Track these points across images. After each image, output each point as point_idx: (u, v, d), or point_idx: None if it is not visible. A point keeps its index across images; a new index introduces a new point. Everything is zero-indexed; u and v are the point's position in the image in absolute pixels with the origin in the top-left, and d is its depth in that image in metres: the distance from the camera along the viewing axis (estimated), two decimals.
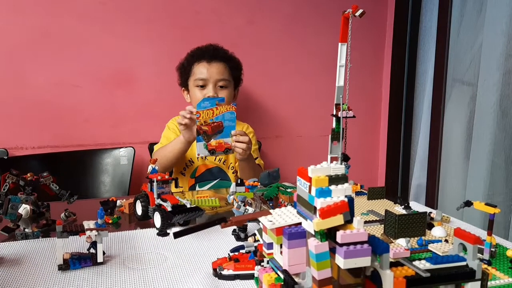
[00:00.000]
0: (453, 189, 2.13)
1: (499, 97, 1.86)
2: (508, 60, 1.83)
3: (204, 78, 1.74)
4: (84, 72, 1.99)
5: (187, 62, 1.81)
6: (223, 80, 1.76)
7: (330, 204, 0.57)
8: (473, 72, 1.98)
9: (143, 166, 2.07)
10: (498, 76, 1.85)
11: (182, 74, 1.83)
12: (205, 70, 1.74)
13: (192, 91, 1.78)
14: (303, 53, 2.26)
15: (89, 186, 1.93)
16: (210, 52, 1.78)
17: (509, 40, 1.81)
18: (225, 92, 1.76)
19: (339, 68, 1.24)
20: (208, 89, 1.74)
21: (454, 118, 2.11)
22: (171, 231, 0.97)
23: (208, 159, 1.75)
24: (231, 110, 1.45)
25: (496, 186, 1.89)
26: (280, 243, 0.63)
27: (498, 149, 1.87)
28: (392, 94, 2.41)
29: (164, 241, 1.01)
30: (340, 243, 0.55)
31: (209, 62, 1.75)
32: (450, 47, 2.09)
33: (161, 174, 1.11)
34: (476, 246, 0.64)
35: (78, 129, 2.01)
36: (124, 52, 2.02)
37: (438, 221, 1.07)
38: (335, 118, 1.25)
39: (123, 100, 2.04)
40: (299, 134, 2.32)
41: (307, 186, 0.60)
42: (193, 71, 1.77)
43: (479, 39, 1.94)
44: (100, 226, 0.87)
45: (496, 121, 1.86)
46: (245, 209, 0.97)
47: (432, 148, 2.22)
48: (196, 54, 1.79)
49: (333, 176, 0.60)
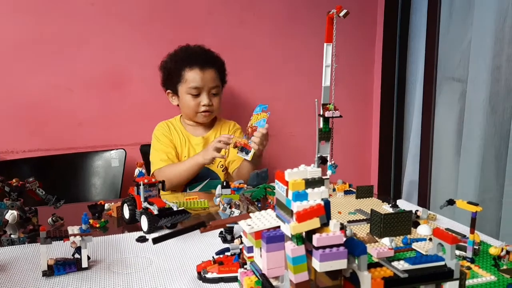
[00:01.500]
0: (445, 185, 2.14)
1: (489, 94, 1.86)
2: (497, 56, 1.84)
3: (199, 86, 1.72)
4: (75, 74, 1.98)
5: (175, 65, 1.77)
6: (215, 88, 1.76)
7: (306, 208, 0.57)
8: (463, 69, 1.99)
9: (134, 168, 2.06)
10: (487, 73, 1.85)
11: (169, 77, 1.80)
12: (198, 77, 1.72)
13: (184, 97, 1.76)
14: (296, 52, 2.26)
15: (80, 189, 1.93)
16: (202, 57, 1.76)
17: (498, 37, 1.82)
18: (217, 99, 1.78)
19: (325, 68, 1.24)
20: (203, 96, 1.74)
21: (445, 115, 2.11)
22: (150, 237, 0.97)
23: None
24: (265, 117, 1.53)
25: (487, 182, 1.90)
26: (260, 246, 0.64)
27: (488, 145, 1.88)
28: (383, 92, 2.41)
29: (149, 245, 1.00)
30: (316, 246, 0.56)
31: (202, 69, 1.73)
32: (440, 45, 2.10)
33: (148, 177, 1.11)
34: (454, 245, 0.64)
35: (70, 132, 2.01)
36: (115, 54, 2.01)
37: (424, 219, 1.08)
38: (322, 118, 1.26)
39: (114, 102, 2.04)
40: (292, 133, 2.32)
41: (284, 189, 0.61)
42: (184, 78, 1.74)
43: (468, 36, 1.95)
44: (85, 231, 0.87)
45: (486, 117, 1.87)
46: (231, 211, 0.97)
47: (424, 145, 2.23)
48: (187, 59, 1.75)
49: (309, 180, 0.60)
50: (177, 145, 1.79)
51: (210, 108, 1.76)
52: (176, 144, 1.79)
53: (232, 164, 1.77)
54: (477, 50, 1.89)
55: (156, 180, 1.11)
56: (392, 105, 2.40)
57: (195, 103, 1.74)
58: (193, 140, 1.81)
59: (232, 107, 2.16)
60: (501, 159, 1.84)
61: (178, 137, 1.80)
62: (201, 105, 1.74)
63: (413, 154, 2.30)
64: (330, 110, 1.23)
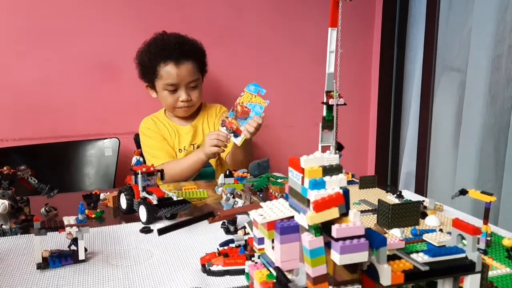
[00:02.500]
0: (442, 176, 2.12)
1: (489, 83, 1.84)
2: (498, 45, 1.81)
3: (175, 83, 1.64)
4: (69, 63, 1.92)
5: (149, 61, 1.67)
6: (194, 81, 1.68)
7: (325, 197, 0.53)
8: (462, 58, 1.96)
9: (128, 158, 2.01)
10: (488, 62, 1.83)
11: (145, 72, 1.71)
12: (174, 73, 1.63)
13: (161, 93, 1.69)
14: (293, 41, 2.22)
15: (73, 179, 1.88)
16: (177, 51, 1.64)
17: (499, 25, 1.79)
18: (196, 92, 1.70)
19: (329, 54, 1.20)
20: (180, 92, 1.67)
21: (444, 105, 2.09)
22: (155, 228, 0.93)
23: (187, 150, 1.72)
24: (262, 105, 1.45)
25: (485, 172, 1.88)
26: (272, 238, 0.60)
27: (487, 136, 1.86)
28: (381, 81, 2.38)
29: (150, 236, 0.97)
30: (335, 238, 0.52)
31: (177, 63, 1.63)
32: (439, 33, 2.07)
33: (146, 166, 1.07)
34: (476, 237, 0.61)
35: (62, 120, 1.95)
36: (109, 41, 1.95)
37: (431, 209, 1.05)
38: (326, 106, 1.22)
39: (108, 90, 1.98)
40: (289, 123, 2.28)
41: (299, 177, 0.57)
42: (160, 74, 1.65)
43: (469, 24, 1.92)
44: (81, 222, 0.83)
45: (486, 107, 1.85)
46: (235, 201, 0.93)
47: (422, 135, 2.21)
48: (161, 53, 1.65)
49: (327, 167, 0.56)
50: (167, 138, 1.73)
51: (189, 103, 1.69)
52: (166, 137, 1.73)
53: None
54: (477, 39, 1.86)
55: (154, 169, 1.06)
56: (390, 94, 2.38)
57: (173, 99, 1.67)
58: (182, 130, 1.76)
59: (225, 92, 2.11)
60: (500, 150, 1.82)
61: (166, 130, 1.75)
62: (179, 100, 1.67)
63: (410, 144, 2.28)
64: (335, 98, 1.19)
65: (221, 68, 2.11)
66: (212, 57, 2.08)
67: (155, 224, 1.02)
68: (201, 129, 1.77)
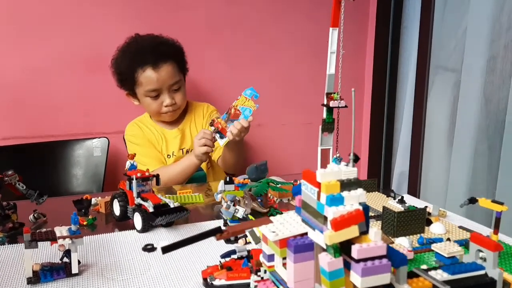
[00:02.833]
0: (436, 177, 2.11)
1: (483, 84, 1.83)
2: (493, 45, 1.79)
3: (156, 88, 1.56)
4: (54, 55, 1.85)
5: (126, 68, 1.58)
6: (176, 83, 1.59)
7: (344, 214, 0.50)
8: (457, 57, 1.95)
9: (118, 158, 1.96)
10: (483, 62, 1.81)
11: (123, 81, 1.62)
12: (154, 78, 1.54)
13: (143, 100, 1.61)
14: (287, 39, 2.17)
15: (60, 180, 1.81)
16: (154, 54, 1.55)
17: (494, 25, 1.77)
18: (180, 94, 1.62)
19: (330, 54, 1.17)
20: (163, 96, 1.58)
21: (437, 105, 2.08)
22: (158, 246, 0.88)
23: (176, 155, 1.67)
24: (252, 108, 1.41)
25: (479, 173, 1.87)
26: (284, 256, 0.56)
27: (481, 136, 1.85)
28: (374, 81, 2.36)
29: None
30: (356, 259, 0.49)
31: (156, 67, 1.54)
32: (434, 32, 2.05)
33: (141, 170, 1.02)
34: (497, 253, 0.58)
35: (48, 118, 1.88)
36: (99, 34, 1.88)
37: (435, 216, 1.03)
38: (326, 108, 1.19)
39: (96, 86, 1.91)
40: (282, 122, 2.24)
41: (315, 192, 0.53)
42: (139, 80, 1.56)
43: (464, 23, 1.90)
44: (75, 233, 0.78)
45: (480, 107, 1.84)
46: (235, 209, 0.89)
47: (415, 135, 2.20)
48: (137, 58, 1.55)
49: (344, 181, 0.52)
50: (154, 144, 1.67)
51: (174, 107, 1.61)
52: (153, 142, 1.67)
53: (216, 151, 1.64)
54: (472, 39, 1.85)
55: (150, 174, 1.02)
56: (384, 94, 2.36)
57: (157, 105, 1.59)
58: (169, 134, 1.69)
59: (220, 90, 2.06)
60: (495, 150, 1.81)
61: (152, 135, 1.68)
62: (164, 106, 1.60)
63: (403, 144, 2.27)
64: (335, 100, 1.16)
65: (215, 67, 2.07)
66: (206, 57, 2.04)
67: (152, 234, 0.98)
68: (189, 132, 1.71)
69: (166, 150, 1.66)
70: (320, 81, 2.22)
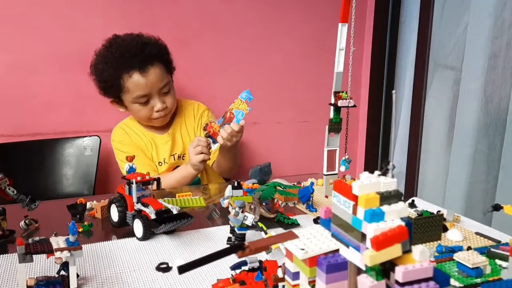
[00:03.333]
0: (434, 177, 2.09)
1: (484, 82, 1.80)
2: (495, 42, 1.76)
3: (145, 93, 1.44)
4: (43, 51, 1.76)
5: (109, 75, 1.45)
6: (165, 86, 1.48)
7: (386, 231, 0.45)
8: (457, 55, 1.92)
9: (109, 157, 1.88)
10: (484, 60, 1.78)
11: (107, 88, 1.49)
12: (142, 83, 1.43)
13: (132, 107, 1.49)
14: (283, 36, 2.11)
15: (49, 181, 1.73)
16: (138, 57, 1.43)
17: (496, 22, 1.74)
18: (170, 97, 1.51)
19: (339, 51, 1.12)
20: (153, 101, 1.47)
21: (436, 104, 2.04)
22: (174, 265, 0.81)
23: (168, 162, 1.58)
24: (244, 111, 1.35)
25: (479, 173, 1.85)
26: (313, 275, 0.51)
27: (481, 136, 1.82)
28: (372, 79, 2.32)
29: (150, 255, 0.86)
30: (401, 282, 0.44)
31: (143, 71, 1.43)
32: (433, 29, 2.01)
33: (141, 174, 0.96)
34: None
35: (36, 116, 1.79)
36: (89, 29, 1.80)
37: (450, 221, 0.98)
38: (334, 107, 1.14)
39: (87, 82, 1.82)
40: (278, 120, 2.19)
41: (350, 205, 0.48)
42: (125, 87, 1.44)
43: (465, 19, 1.87)
44: (73, 244, 0.71)
45: (481, 106, 1.81)
46: (244, 216, 0.84)
47: (413, 134, 2.16)
48: (121, 64, 1.43)
49: (384, 194, 0.47)
50: (144, 150, 1.56)
51: (165, 111, 1.50)
52: (143, 148, 1.56)
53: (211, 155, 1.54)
54: (474, 36, 1.81)
55: (151, 177, 0.96)
56: (381, 91, 2.32)
57: (147, 111, 1.48)
58: (159, 139, 1.58)
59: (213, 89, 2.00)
60: (496, 150, 1.79)
61: (141, 141, 1.57)
62: (155, 111, 1.48)
63: (400, 144, 2.24)
64: (344, 99, 1.11)
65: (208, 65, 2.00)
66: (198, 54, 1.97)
67: (153, 242, 0.92)
68: (180, 136, 1.60)
69: (157, 157, 1.56)
70: (316, 79, 2.20)
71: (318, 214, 1.08)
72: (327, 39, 2.29)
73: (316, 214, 1.08)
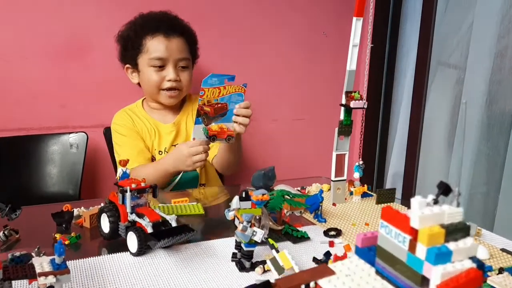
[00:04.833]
0: (433, 179, 2.03)
1: (488, 82, 1.74)
2: (500, 41, 1.71)
3: (163, 57, 1.43)
4: (27, 40, 1.64)
5: (134, 34, 1.47)
6: (184, 60, 1.47)
7: (455, 276, 0.36)
8: (461, 54, 1.86)
9: (97, 155, 1.78)
10: (489, 59, 1.73)
11: (128, 48, 1.49)
12: (163, 46, 1.43)
13: (145, 71, 1.46)
14: (279, 32, 2.03)
15: (32, 180, 1.62)
16: (167, 24, 1.47)
17: (503, 20, 1.68)
18: (186, 74, 1.48)
19: (352, 48, 1.03)
20: (168, 70, 1.44)
21: (437, 104, 1.99)
22: None
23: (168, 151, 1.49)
24: (239, 91, 1.21)
25: (481, 175, 1.80)
26: None
27: (484, 138, 1.77)
28: (371, 77, 2.24)
29: (145, 273, 0.77)
30: None
31: (167, 36, 1.44)
32: (436, 25, 1.95)
33: (136, 180, 0.86)
34: None
35: (18, 109, 1.67)
36: (79, 17, 1.68)
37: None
38: (345, 108, 1.05)
39: (74, 74, 1.72)
40: (274, 117, 2.10)
41: (405, 240, 0.39)
42: (146, 47, 1.45)
43: (470, 17, 1.81)
44: (59, 267, 0.62)
45: (484, 107, 1.75)
46: (253, 231, 0.75)
47: (412, 135, 2.10)
48: (149, 25, 1.46)
49: (449, 228, 0.39)
50: (145, 137, 1.49)
51: (178, 85, 1.46)
52: (144, 136, 1.49)
53: (211, 150, 1.43)
54: (479, 34, 1.76)
55: (147, 185, 0.86)
56: (380, 90, 2.25)
57: (159, 78, 1.45)
58: (163, 128, 1.52)
59: None
60: (499, 153, 1.74)
61: (144, 127, 1.50)
62: (166, 80, 1.45)
63: (399, 144, 2.17)
64: (356, 100, 1.03)
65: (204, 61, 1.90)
66: None
67: (149, 258, 0.82)
68: (185, 127, 1.54)
69: (158, 146, 1.49)
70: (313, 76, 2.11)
71: (327, 225, 0.99)
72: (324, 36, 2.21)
73: (325, 225, 1.00)
